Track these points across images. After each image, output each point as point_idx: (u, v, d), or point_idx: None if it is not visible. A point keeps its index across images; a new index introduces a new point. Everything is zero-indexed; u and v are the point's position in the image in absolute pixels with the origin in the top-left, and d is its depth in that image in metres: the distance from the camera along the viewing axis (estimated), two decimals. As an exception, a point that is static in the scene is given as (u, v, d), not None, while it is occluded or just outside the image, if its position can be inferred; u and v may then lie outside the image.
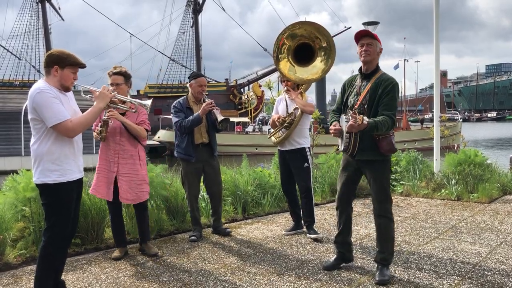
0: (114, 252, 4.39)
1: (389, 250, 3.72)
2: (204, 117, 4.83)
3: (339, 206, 3.90)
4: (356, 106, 3.67)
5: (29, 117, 3.11)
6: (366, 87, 3.67)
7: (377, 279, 3.60)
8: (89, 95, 3.49)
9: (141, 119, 4.30)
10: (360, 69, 3.77)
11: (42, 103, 3.02)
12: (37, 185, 3.17)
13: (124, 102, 4.02)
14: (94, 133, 4.25)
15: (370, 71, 3.71)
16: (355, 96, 3.73)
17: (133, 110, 4.05)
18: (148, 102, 3.98)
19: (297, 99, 4.92)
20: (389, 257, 3.71)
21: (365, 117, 3.41)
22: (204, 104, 4.77)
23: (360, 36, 3.69)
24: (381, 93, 3.60)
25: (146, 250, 4.44)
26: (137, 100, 4.06)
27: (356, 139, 3.62)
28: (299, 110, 4.90)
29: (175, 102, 5.02)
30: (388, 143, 3.59)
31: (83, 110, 3.32)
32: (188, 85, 5.06)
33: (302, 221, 5.17)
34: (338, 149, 3.91)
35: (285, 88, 5.06)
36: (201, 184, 5.21)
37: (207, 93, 5.06)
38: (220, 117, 4.74)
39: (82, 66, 3.25)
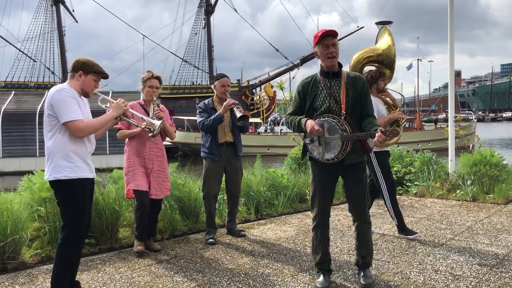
0: (137, 246, 4.43)
1: (371, 253, 3.61)
2: (228, 116, 4.90)
3: (321, 223, 3.54)
4: (343, 111, 3.37)
5: (46, 113, 3.22)
6: (341, 86, 3.42)
7: (363, 282, 3.49)
8: (104, 105, 3.66)
9: (170, 122, 4.72)
10: (321, 70, 3.49)
11: (59, 100, 3.15)
12: (50, 182, 3.24)
13: (134, 118, 4.00)
14: (139, 129, 4.25)
15: (338, 70, 3.47)
16: (328, 98, 3.41)
17: (143, 126, 4.05)
18: (158, 123, 4.01)
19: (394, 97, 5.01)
20: (371, 260, 3.62)
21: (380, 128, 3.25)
22: (225, 103, 4.80)
23: (325, 36, 3.37)
24: (360, 92, 3.45)
25: (150, 246, 4.59)
26: (148, 118, 4.09)
27: (350, 145, 3.35)
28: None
29: (201, 103, 5.10)
30: (368, 142, 3.49)
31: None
32: (212, 86, 5.12)
33: None
34: (318, 159, 3.44)
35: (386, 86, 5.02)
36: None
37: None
38: (239, 114, 4.76)
39: (105, 76, 3.42)
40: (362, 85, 3.47)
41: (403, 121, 4.93)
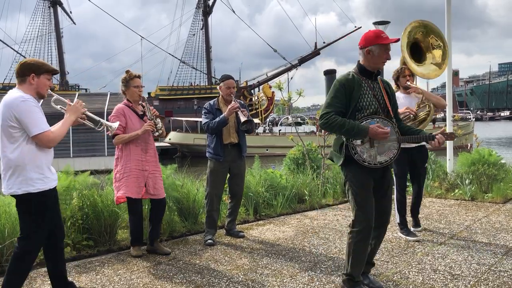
0: (134, 251, 4.44)
1: None
2: (233, 117, 4.91)
3: (370, 231, 3.23)
4: (392, 113, 3.32)
5: (7, 124, 3.02)
6: (381, 89, 3.35)
7: (377, 285, 3.44)
8: (59, 106, 3.44)
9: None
10: (365, 70, 3.32)
11: (26, 112, 3.00)
12: (17, 196, 3.06)
13: (92, 120, 3.78)
14: (139, 131, 4.31)
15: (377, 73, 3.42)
16: (374, 99, 3.27)
17: (100, 129, 3.96)
18: (115, 125, 3.87)
19: (428, 93, 4.94)
20: None
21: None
22: (229, 106, 4.80)
23: (389, 42, 3.28)
24: (395, 99, 3.47)
25: (158, 249, 4.49)
26: (105, 121, 3.86)
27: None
28: (431, 104, 4.89)
29: (206, 103, 5.09)
30: None
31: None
32: (218, 87, 5.13)
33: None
34: (366, 162, 3.17)
35: (408, 83, 4.98)
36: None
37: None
38: (243, 118, 4.76)
39: (56, 72, 3.30)
40: (393, 92, 3.48)
41: (425, 115, 4.88)
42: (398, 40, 3.37)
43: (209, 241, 4.81)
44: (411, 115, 4.84)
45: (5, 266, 4.00)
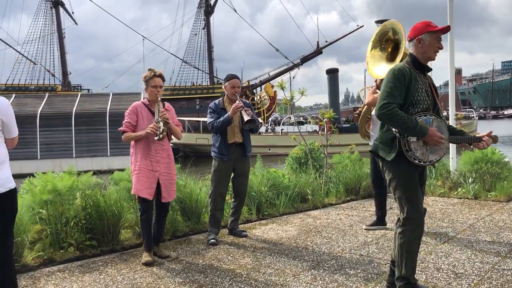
0: (144, 257, 4.25)
1: None
2: (238, 117, 4.92)
3: (422, 226, 3.16)
4: (443, 111, 3.24)
5: None
6: (429, 85, 3.21)
7: None
8: None
9: (177, 122, 4.55)
10: (418, 62, 3.17)
11: (12, 115, 3.01)
12: (7, 193, 2.95)
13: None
14: (144, 131, 4.24)
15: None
16: (426, 95, 3.13)
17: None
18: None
19: (368, 94, 5.28)
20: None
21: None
22: (233, 105, 4.82)
23: (442, 31, 3.17)
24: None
25: (158, 252, 4.43)
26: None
27: None
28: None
29: (211, 103, 5.11)
30: None
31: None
32: (223, 87, 5.16)
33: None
34: (416, 159, 3.05)
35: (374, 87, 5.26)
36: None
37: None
38: (246, 118, 4.77)
39: None
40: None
41: None
42: (448, 27, 3.23)
43: (212, 240, 4.81)
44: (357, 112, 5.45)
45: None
